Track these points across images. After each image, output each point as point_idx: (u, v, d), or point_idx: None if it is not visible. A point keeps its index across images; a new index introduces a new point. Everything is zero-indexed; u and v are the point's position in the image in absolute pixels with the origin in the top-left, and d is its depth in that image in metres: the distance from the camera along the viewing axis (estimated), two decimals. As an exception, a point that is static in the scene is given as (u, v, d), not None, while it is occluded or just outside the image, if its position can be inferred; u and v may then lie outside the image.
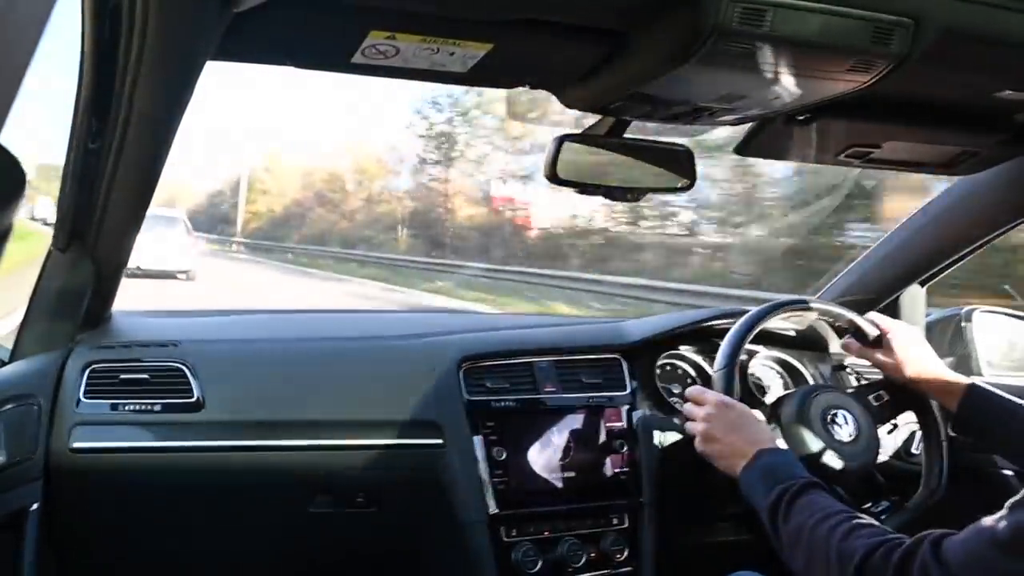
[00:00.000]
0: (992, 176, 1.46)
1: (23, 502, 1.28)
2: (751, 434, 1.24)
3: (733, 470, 1.22)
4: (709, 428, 1.28)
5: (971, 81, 1.04)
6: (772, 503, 1.10)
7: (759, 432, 1.25)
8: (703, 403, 1.31)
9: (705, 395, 1.32)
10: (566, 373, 1.59)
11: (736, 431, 1.25)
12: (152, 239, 13.80)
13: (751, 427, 1.26)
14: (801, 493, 1.09)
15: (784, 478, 1.13)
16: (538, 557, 1.46)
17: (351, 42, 0.92)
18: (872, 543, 0.96)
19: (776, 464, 1.18)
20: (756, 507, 1.14)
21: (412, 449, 1.47)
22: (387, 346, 1.61)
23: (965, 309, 1.83)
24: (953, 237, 1.67)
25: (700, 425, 1.29)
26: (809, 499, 1.08)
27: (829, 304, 1.50)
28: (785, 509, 1.08)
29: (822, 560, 1.01)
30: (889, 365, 1.42)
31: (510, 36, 0.92)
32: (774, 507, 1.10)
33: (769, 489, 1.12)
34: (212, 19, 0.77)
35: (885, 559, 0.94)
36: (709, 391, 1.33)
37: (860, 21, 0.85)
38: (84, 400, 1.36)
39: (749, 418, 1.28)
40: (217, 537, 1.52)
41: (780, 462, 1.18)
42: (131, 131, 0.99)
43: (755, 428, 1.26)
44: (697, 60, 0.88)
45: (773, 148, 1.33)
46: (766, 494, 1.12)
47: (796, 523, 1.06)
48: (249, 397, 1.44)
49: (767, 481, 1.14)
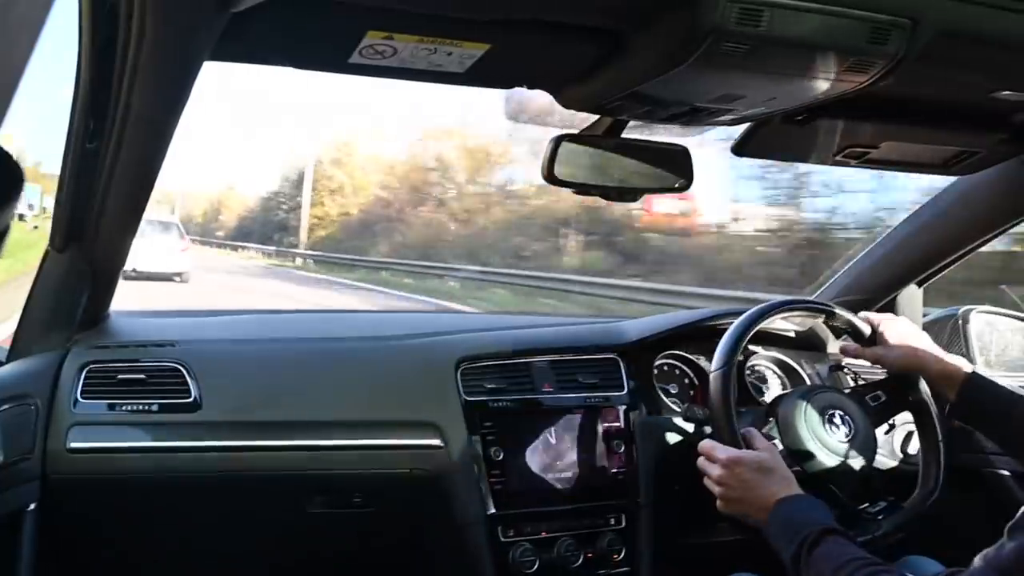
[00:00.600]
0: (990, 176, 1.46)
1: (20, 502, 1.28)
2: (766, 486, 1.22)
3: (762, 523, 1.21)
4: (726, 491, 1.27)
5: (968, 81, 1.04)
6: (793, 555, 1.10)
7: (772, 481, 1.23)
8: (714, 461, 1.29)
9: (715, 452, 1.29)
10: (564, 373, 1.60)
11: (752, 487, 1.23)
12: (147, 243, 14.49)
13: (764, 478, 1.24)
14: (818, 543, 1.08)
15: (801, 528, 1.12)
16: (535, 557, 1.46)
17: (348, 42, 0.92)
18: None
19: (792, 514, 1.17)
20: (783, 559, 1.14)
21: (410, 449, 1.47)
22: (385, 346, 1.61)
23: (962, 309, 1.83)
24: (951, 238, 1.67)
25: (717, 488, 1.28)
26: (826, 549, 1.08)
27: (826, 304, 1.51)
28: (805, 561, 1.08)
29: None
30: (887, 359, 1.41)
31: (508, 36, 0.92)
32: (795, 559, 1.10)
33: (789, 541, 1.12)
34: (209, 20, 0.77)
35: None
36: (719, 447, 1.30)
37: (857, 21, 0.85)
38: (81, 400, 1.36)
39: (761, 468, 1.25)
40: (214, 537, 1.52)
41: (797, 511, 1.17)
42: (128, 131, 0.99)
43: (768, 478, 1.23)
44: (695, 60, 0.88)
45: (770, 148, 1.33)
46: (787, 547, 1.12)
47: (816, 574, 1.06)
48: (246, 397, 1.44)
49: (787, 533, 1.14)
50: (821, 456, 1.35)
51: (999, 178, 1.48)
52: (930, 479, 1.42)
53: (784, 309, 1.45)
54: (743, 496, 1.24)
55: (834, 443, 1.36)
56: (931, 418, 1.44)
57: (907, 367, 1.40)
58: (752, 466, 1.25)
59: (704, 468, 1.31)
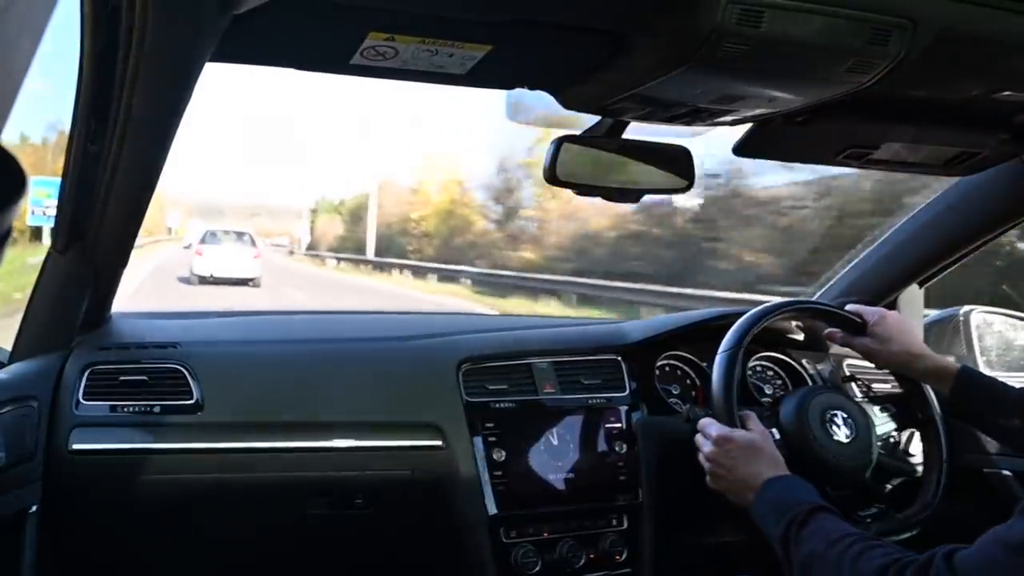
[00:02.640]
0: (991, 177, 1.46)
1: (23, 503, 1.28)
2: (754, 466, 1.23)
3: (746, 502, 1.22)
4: (714, 467, 1.28)
5: (969, 82, 1.04)
6: (782, 534, 1.10)
7: (761, 461, 1.24)
8: (707, 438, 1.31)
9: (709, 429, 1.31)
10: (565, 374, 1.60)
11: (740, 465, 1.25)
12: (222, 251, 17.38)
13: (753, 457, 1.25)
14: (809, 520, 1.08)
15: (791, 506, 1.12)
16: (537, 558, 1.46)
17: (350, 44, 0.92)
18: (884, 563, 0.96)
19: (781, 493, 1.17)
20: (770, 539, 1.14)
21: (412, 451, 1.47)
22: (387, 348, 1.61)
23: (963, 310, 1.83)
24: (952, 238, 1.67)
25: (707, 464, 1.30)
26: (817, 525, 1.08)
27: (826, 305, 1.51)
28: (795, 538, 1.08)
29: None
30: (878, 353, 1.42)
31: (509, 37, 0.92)
32: (784, 537, 1.10)
33: (778, 520, 1.12)
34: (211, 21, 0.77)
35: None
36: (714, 424, 1.31)
37: (858, 22, 0.85)
38: (83, 401, 1.36)
39: (751, 448, 1.26)
40: (216, 538, 1.52)
41: (785, 490, 1.18)
42: (130, 133, 0.99)
43: (757, 458, 1.25)
44: (696, 61, 0.88)
45: (771, 149, 1.33)
46: (776, 525, 1.12)
47: (807, 551, 1.06)
48: (248, 399, 1.44)
49: (776, 512, 1.14)
50: (819, 456, 1.35)
51: (1000, 178, 1.48)
52: (928, 494, 1.43)
53: (785, 310, 1.45)
54: (731, 473, 1.25)
55: (834, 444, 1.36)
56: (938, 437, 1.44)
57: (898, 362, 1.41)
58: (742, 444, 1.26)
59: (698, 443, 1.33)
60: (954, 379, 1.34)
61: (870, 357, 1.45)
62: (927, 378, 1.41)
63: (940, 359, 1.38)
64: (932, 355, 1.39)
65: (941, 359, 1.38)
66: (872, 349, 1.43)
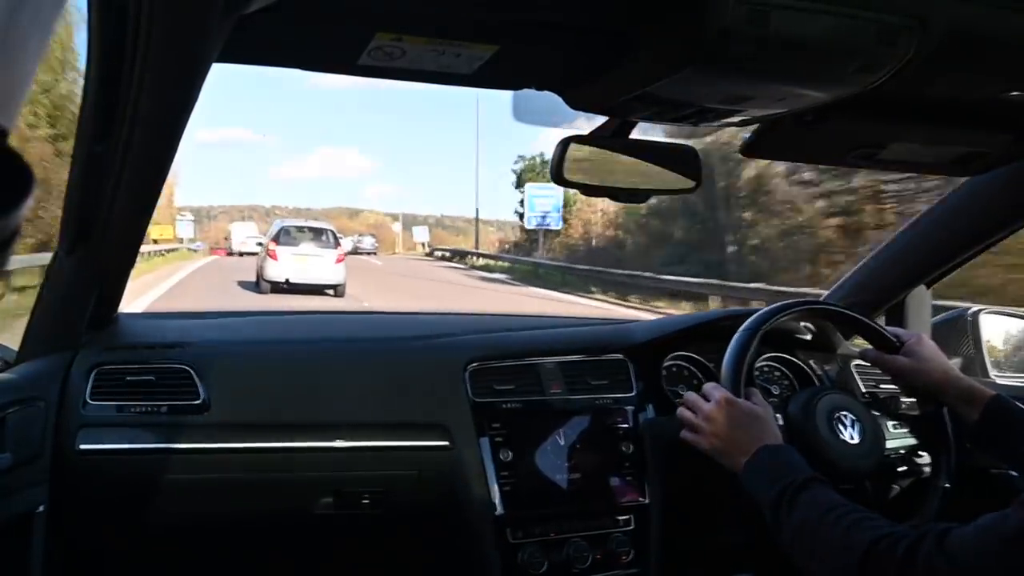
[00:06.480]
0: (999, 177, 1.45)
1: (30, 504, 1.28)
2: (755, 431, 1.24)
3: (736, 466, 1.22)
4: (711, 426, 1.28)
5: (978, 82, 1.04)
6: (775, 498, 1.10)
7: (762, 429, 1.25)
8: (709, 399, 1.31)
9: (713, 392, 1.31)
10: (572, 374, 1.59)
11: (737, 429, 1.25)
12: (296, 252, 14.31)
13: (755, 424, 1.25)
14: (804, 488, 1.09)
15: (787, 473, 1.13)
16: (544, 558, 1.46)
17: (357, 44, 0.92)
18: (876, 535, 0.96)
19: (779, 460, 1.18)
20: (759, 502, 1.14)
21: (418, 451, 1.47)
22: (393, 348, 1.61)
23: (971, 310, 1.82)
24: (960, 238, 1.66)
25: (704, 423, 1.29)
26: (813, 494, 1.08)
27: (839, 307, 1.50)
28: (788, 504, 1.08)
29: (827, 554, 1.01)
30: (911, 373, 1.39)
31: (516, 37, 0.92)
32: (776, 502, 1.10)
33: (772, 484, 1.13)
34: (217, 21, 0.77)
35: (890, 551, 0.94)
36: (720, 387, 1.32)
37: (867, 22, 0.84)
38: (90, 402, 1.37)
39: (753, 415, 1.27)
40: (222, 538, 1.52)
41: (783, 458, 1.18)
42: (137, 133, 0.99)
43: (759, 425, 1.25)
44: (703, 61, 0.88)
45: (780, 149, 1.33)
46: (769, 489, 1.12)
47: (800, 518, 1.06)
48: (255, 399, 1.44)
49: (770, 476, 1.15)
50: (824, 454, 1.34)
51: (1008, 179, 1.47)
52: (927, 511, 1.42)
53: (795, 309, 1.45)
54: (727, 435, 1.26)
55: (840, 444, 1.36)
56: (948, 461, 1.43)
57: (933, 385, 1.37)
58: (745, 410, 1.27)
59: (696, 402, 1.33)
60: (984, 407, 1.30)
61: (902, 376, 1.41)
62: (956, 402, 1.36)
63: (975, 384, 1.34)
64: (967, 379, 1.36)
65: (976, 384, 1.34)
66: (907, 369, 1.39)
